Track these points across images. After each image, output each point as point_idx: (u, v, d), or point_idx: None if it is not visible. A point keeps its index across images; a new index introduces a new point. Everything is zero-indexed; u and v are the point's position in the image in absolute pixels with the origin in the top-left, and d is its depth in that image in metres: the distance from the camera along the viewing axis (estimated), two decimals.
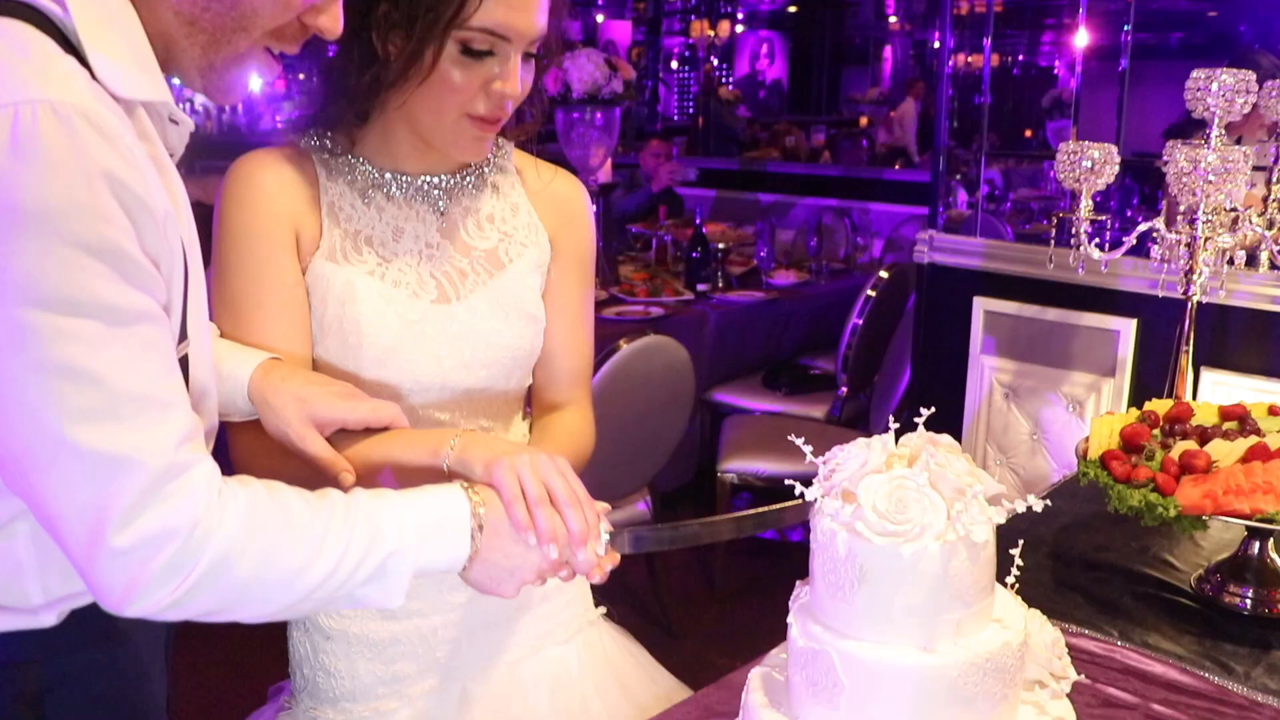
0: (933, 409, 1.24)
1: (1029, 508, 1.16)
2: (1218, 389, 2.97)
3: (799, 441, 1.25)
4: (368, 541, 1.12)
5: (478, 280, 1.51)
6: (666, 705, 1.61)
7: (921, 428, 1.21)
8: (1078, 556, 2.04)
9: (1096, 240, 2.47)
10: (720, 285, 5.12)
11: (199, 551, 1.02)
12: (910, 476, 1.14)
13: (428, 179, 1.50)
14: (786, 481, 1.23)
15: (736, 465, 4.11)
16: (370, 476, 1.32)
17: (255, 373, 1.34)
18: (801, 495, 1.19)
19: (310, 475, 1.27)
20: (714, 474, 4.19)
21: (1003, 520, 1.15)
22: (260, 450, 1.37)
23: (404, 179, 1.49)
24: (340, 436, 1.35)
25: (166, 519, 1.00)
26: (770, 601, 1.27)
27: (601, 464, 1.46)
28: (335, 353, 1.47)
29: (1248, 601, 1.82)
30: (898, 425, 1.22)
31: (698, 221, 5.36)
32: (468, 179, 1.53)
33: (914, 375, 3.87)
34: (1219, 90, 2.24)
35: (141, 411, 0.99)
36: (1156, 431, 1.91)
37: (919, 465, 1.15)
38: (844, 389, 4.46)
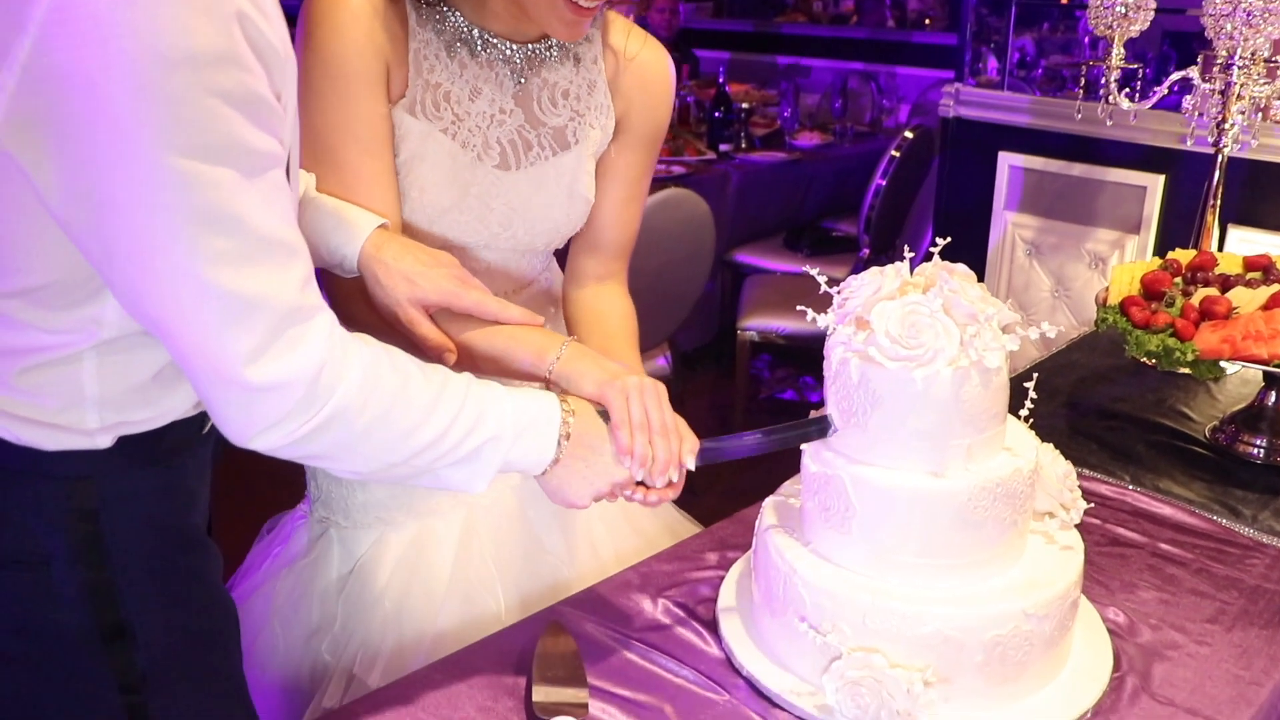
0: (949, 239, 1.23)
1: (1043, 335, 1.16)
2: (1244, 246, 2.93)
3: (814, 272, 1.25)
4: (473, 421, 1.16)
5: (540, 155, 1.49)
6: (673, 538, 1.64)
7: (937, 256, 1.21)
8: (1094, 406, 2.04)
9: (1126, 91, 2.41)
10: (743, 145, 5.05)
11: (324, 399, 1.06)
12: (923, 302, 1.13)
13: (512, 44, 1.45)
14: (799, 307, 1.22)
15: (757, 323, 4.11)
16: (471, 363, 1.34)
17: (366, 247, 1.34)
18: (814, 320, 1.19)
19: (410, 345, 1.29)
20: (734, 334, 4.20)
21: (1016, 347, 1.15)
22: (362, 294, 1.38)
23: (490, 38, 1.43)
24: (444, 315, 1.36)
25: (294, 362, 1.03)
26: (790, 459, 1.28)
27: None
28: None
29: (1260, 450, 1.83)
30: (912, 254, 1.21)
31: (720, 81, 5.26)
32: (552, 49, 1.48)
33: (936, 232, 3.83)
34: None
35: (273, 254, 1.01)
36: (1178, 280, 1.89)
37: (933, 292, 1.14)
38: (866, 250, 4.42)
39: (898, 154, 4.34)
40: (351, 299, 1.40)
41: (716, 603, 1.37)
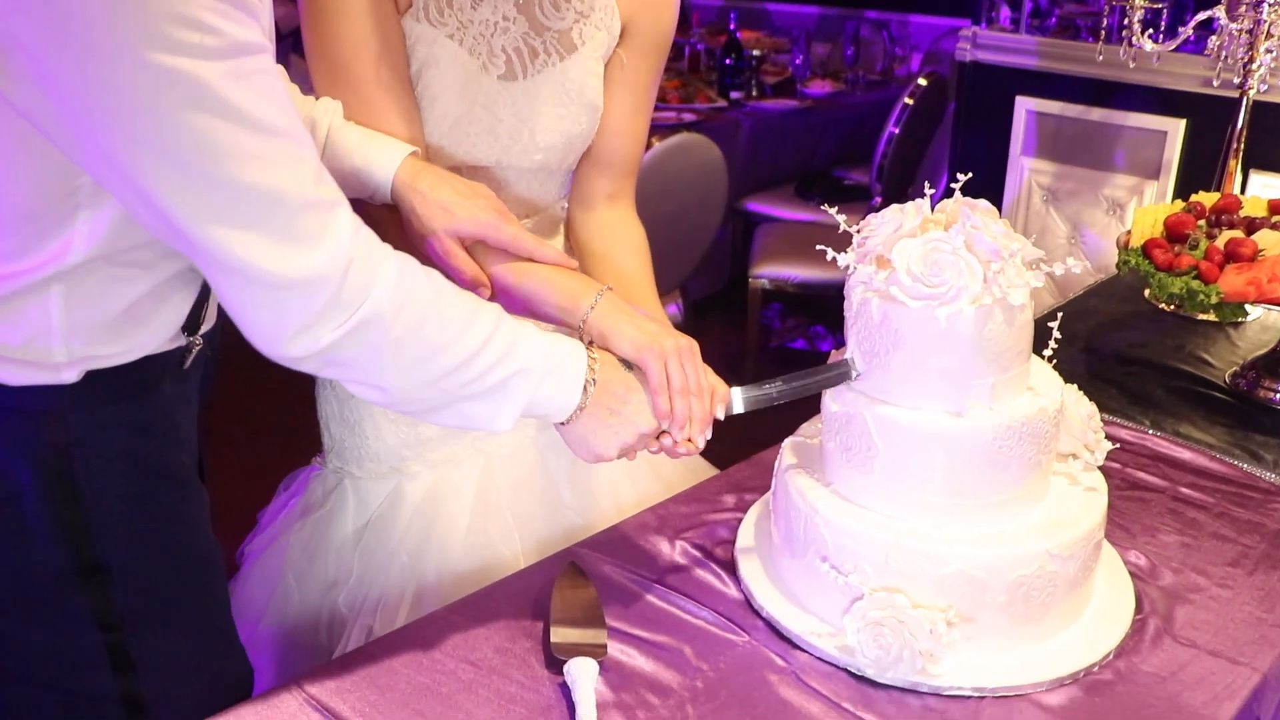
0: (970, 174, 1.20)
1: (1068, 269, 1.14)
2: (1266, 192, 2.89)
3: (832, 211, 1.23)
4: (504, 349, 1.13)
5: (547, 61, 1.46)
6: (694, 483, 1.62)
7: (958, 193, 1.18)
8: (1112, 352, 2.02)
9: (1150, 32, 2.37)
10: (754, 93, 5.00)
11: (358, 299, 1.03)
12: (945, 239, 1.11)
13: None
14: (820, 247, 1.20)
15: (768, 271, 4.09)
16: (499, 300, 1.31)
17: (400, 174, 1.31)
18: (834, 259, 1.17)
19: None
20: (745, 284, 4.18)
21: (1040, 284, 1.13)
22: (392, 224, 1.35)
23: None
24: (476, 249, 1.33)
25: (319, 255, 1.00)
26: (801, 407, 1.28)
27: None
28: None
29: None
30: (933, 191, 1.18)
31: (732, 28, 5.20)
32: None
33: (951, 178, 3.79)
34: None
35: (280, 145, 0.98)
36: (1202, 222, 1.86)
37: (955, 229, 1.12)
38: (878, 199, 4.39)
39: (911, 101, 4.29)
40: (381, 227, 1.38)
41: (735, 544, 1.36)
